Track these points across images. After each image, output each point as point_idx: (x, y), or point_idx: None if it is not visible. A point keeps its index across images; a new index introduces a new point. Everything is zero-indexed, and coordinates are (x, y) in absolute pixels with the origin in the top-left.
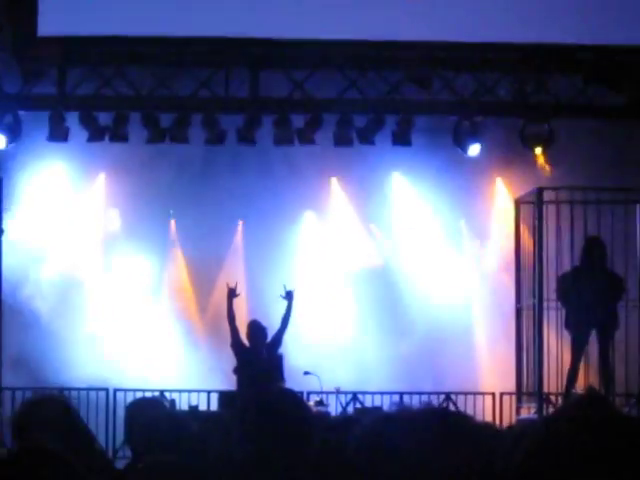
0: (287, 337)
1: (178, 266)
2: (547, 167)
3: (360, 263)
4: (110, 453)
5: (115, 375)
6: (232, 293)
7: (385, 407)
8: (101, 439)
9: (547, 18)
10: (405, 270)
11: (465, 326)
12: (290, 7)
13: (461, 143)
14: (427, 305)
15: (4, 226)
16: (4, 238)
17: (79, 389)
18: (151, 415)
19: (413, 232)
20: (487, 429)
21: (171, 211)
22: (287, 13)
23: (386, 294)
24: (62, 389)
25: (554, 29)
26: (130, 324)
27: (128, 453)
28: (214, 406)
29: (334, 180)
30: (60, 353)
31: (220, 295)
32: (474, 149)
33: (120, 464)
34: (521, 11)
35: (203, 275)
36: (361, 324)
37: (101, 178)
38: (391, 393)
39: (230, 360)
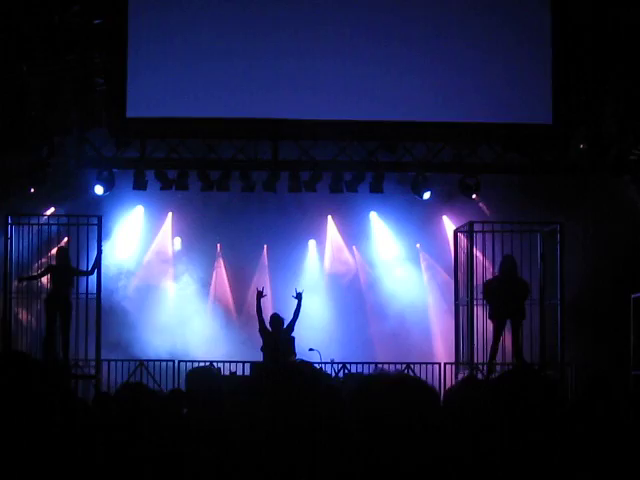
0: (298, 325)
1: (221, 275)
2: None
3: (347, 272)
4: None
5: (179, 350)
6: (260, 294)
7: (365, 372)
8: None
9: (477, 104)
10: (378, 277)
11: (421, 316)
12: (298, 98)
13: (417, 191)
14: (394, 300)
15: (103, 248)
16: (103, 257)
17: (154, 360)
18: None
19: (383, 251)
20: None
21: (218, 238)
22: (296, 102)
23: (364, 293)
24: (143, 361)
25: (481, 112)
26: (189, 315)
27: None
28: (247, 372)
29: (330, 217)
30: (142, 336)
31: (252, 296)
32: (426, 195)
33: None
34: (460, 99)
35: (239, 282)
36: (348, 314)
37: (169, 216)
38: (369, 363)
39: (257, 341)
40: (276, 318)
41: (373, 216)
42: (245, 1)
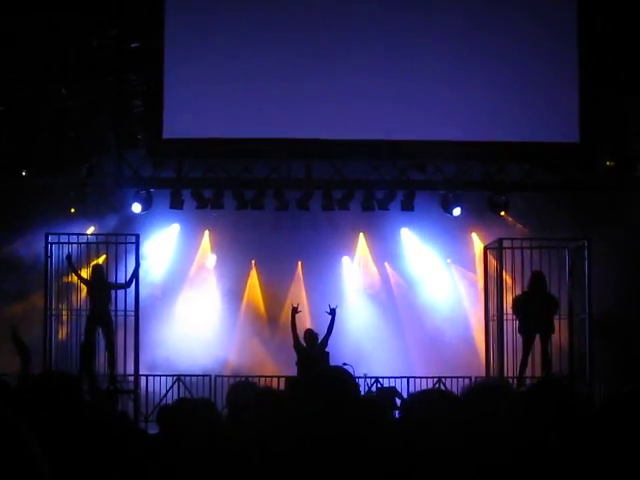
0: (332, 340)
1: (256, 291)
2: (509, 220)
3: (380, 288)
4: None
5: (216, 365)
6: (295, 311)
7: (397, 387)
8: None
9: (505, 123)
10: (410, 292)
11: (453, 330)
12: (331, 118)
13: (447, 208)
14: (426, 315)
15: (141, 262)
16: (141, 274)
17: (191, 375)
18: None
19: (415, 267)
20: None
21: (252, 255)
22: (329, 122)
23: (397, 308)
24: (180, 376)
25: (510, 131)
26: (225, 331)
27: None
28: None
29: (361, 234)
30: (179, 352)
31: (287, 312)
32: (456, 212)
33: None
34: (489, 119)
35: (274, 298)
36: (381, 329)
37: (206, 233)
38: (401, 377)
39: (292, 357)
40: (310, 334)
41: (404, 233)
42: (280, 24)
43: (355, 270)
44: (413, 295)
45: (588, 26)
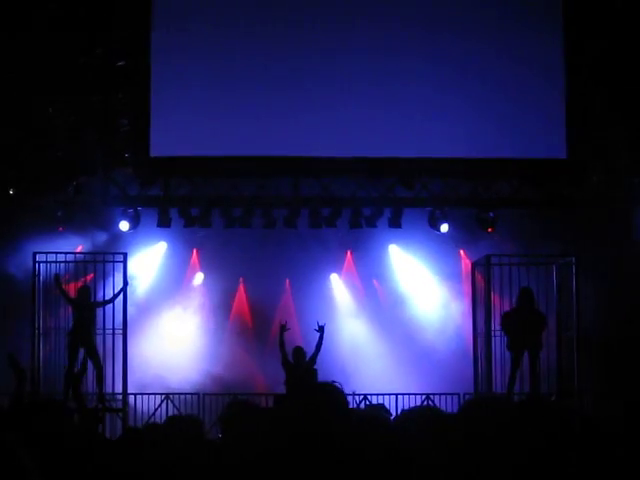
0: (320, 357)
1: (245, 309)
2: (497, 237)
3: (369, 305)
4: None
5: (204, 383)
6: (283, 328)
7: (385, 403)
8: None
9: (492, 140)
10: (398, 308)
11: (441, 346)
12: (318, 135)
13: (435, 225)
14: (415, 331)
15: (129, 280)
16: (128, 289)
17: (179, 393)
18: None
19: (403, 283)
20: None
21: (239, 273)
22: (316, 140)
23: (386, 324)
24: (169, 394)
25: (497, 148)
26: (214, 349)
27: None
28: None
29: (349, 252)
30: (167, 370)
31: (275, 328)
32: (444, 228)
33: None
34: (476, 135)
35: (261, 315)
36: (370, 346)
37: (194, 252)
38: (389, 394)
39: (281, 373)
40: (298, 351)
41: (392, 250)
42: (266, 43)
43: (343, 287)
44: (401, 311)
45: (575, 40)
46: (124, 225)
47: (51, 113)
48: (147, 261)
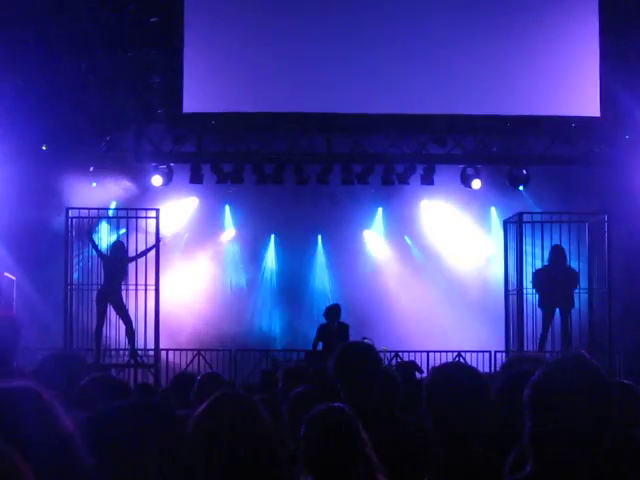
0: (352, 313)
1: (274, 264)
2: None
3: (400, 261)
4: None
5: (236, 339)
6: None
7: (417, 361)
8: None
9: (525, 97)
10: (430, 265)
11: (470, 304)
12: (351, 92)
13: (467, 182)
14: (448, 289)
15: (161, 237)
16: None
17: (211, 350)
18: None
19: (435, 241)
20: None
21: (272, 229)
22: (349, 96)
23: (418, 281)
24: (200, 350)
25: (529, 105)
26: (244, 305)
27: None
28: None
29: (380, 209)
30: (198, 326)
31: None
32: (476, 184)
33: None
34: (509, 92)
35: (293, 273)
36: (402, 302)
37: (227, 208)
38: (420, 351)
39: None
40: (333, 309)
41: (423, 206)
42: (298, 0)
43: (375, 244)
44: (432, 269)
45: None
46: (157, 180)
47: (84, 69)
48: (179, 216)
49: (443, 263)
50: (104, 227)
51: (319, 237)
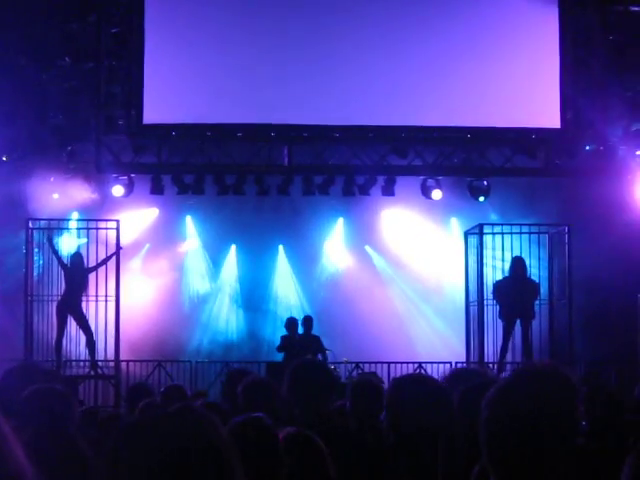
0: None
1: (233, 270)
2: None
3: (361, 272)
4: None
5: (195, 350)
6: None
7: (378, 372)
8: None
9: (486, 109)
10: (389, 276)
11: (431, 314)
12: (312, 103)
13: (427, 192)
14: (406, 299)
15: (122, 244)
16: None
17: (172, 361)
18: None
19: (395, 251)
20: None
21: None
22: (310, 107)
23: (378, 291)
24: (161, 361)
25: (491, 117)
26: (205, 315)
27: None
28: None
29: (341, 219)
30: (158, 336)
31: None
32: (436, 195)
33: None
34: (470, 104)
35: (253, 283)
36: (363, 313)
37: (189, 219)
38: (382, 362)
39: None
40: (291, 321)
41: (384, 216)
42: (261, 9)
43: (335, 254)
44: (394, 279)
45: (570, 11)
46: (118, 190)
47: (45, 80)
48: (140, 226)
49: (404, 273)
50: (64, 237)
51: (280, 247)
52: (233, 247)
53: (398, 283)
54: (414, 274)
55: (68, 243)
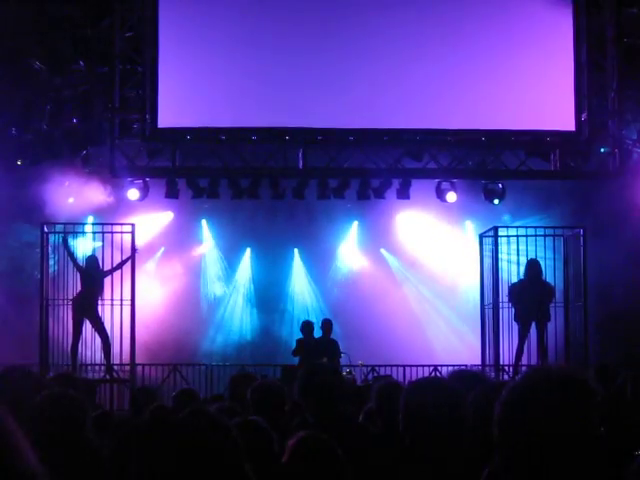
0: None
1: (248, 273)
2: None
3: (376, 274)
4: None
5: (213, 354)
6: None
7: (393, 375)
8: None
9: (500, 112)
10: (405, 279)
11: (447, 317)
12: (327, 106)
13: (442, 195)
14: (422, 301)
15: (137, 247)
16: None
17: (187, 364)
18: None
19: (410, 254)
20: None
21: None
22: (325, 110)
23: (393, 294)
24: (177, 364)
25: (505, 119)
26: (222, 319)
27: None
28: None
29: (355, 223)
30: (175, 340)
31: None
32: (451, 198)
33: None
34: (484, 107)
35: (269, 286)
36: (378, 316)
37: (204, 222)
38: (397, 365)
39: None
40: (306, 324)
41: (399, 219)
42: (276, 14)
43: (352, 257)
44: (409, 282)
45: (584, 15)
46: (133, 194)
47: (59, 84)
48: (155, 230)
49: (419, 276)
50: (80, 241)
51: (295, 250)
52: (248, 250)
53: (414, 285)
54: (429, 276)
55: (83, 247)
